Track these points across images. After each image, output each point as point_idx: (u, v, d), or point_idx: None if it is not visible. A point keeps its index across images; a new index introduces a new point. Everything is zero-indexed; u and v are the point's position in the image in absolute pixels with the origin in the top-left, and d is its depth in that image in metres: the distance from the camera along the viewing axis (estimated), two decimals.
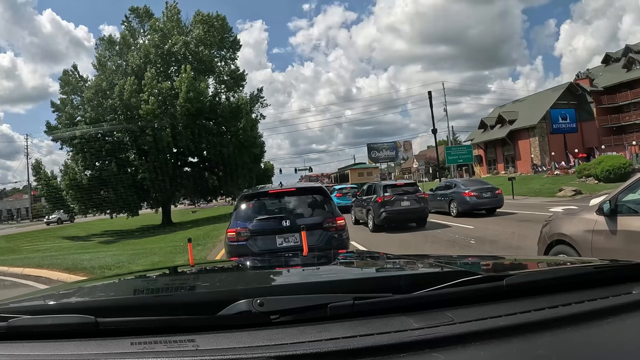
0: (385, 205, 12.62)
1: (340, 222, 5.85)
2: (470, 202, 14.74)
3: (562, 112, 38.10)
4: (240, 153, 28.19)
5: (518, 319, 0.95)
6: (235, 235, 5.68)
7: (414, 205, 12.77)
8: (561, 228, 4.60)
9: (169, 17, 30.15)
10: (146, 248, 13.34)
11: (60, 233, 27.59)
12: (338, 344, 0.86)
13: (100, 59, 29.50)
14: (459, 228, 12.17)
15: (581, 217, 4.42)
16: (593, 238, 4.11)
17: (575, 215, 4.64)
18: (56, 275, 8.97)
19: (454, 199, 15.38)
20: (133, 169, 27.00)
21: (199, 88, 26.22)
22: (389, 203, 12.63)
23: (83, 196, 26.07)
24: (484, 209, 14.96)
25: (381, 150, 60.41)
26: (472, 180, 19.68)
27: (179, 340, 0.93)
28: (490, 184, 15.95)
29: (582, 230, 4.24)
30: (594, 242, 4.09)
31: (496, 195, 14.97)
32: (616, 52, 43.67)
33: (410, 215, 12.85)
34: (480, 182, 16.67)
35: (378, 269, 1.86)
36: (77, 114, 28.08)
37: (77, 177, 25.93)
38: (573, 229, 4.40)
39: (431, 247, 9.56)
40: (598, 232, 4.05)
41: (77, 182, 25.83)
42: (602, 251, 3.96)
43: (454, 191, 15.61)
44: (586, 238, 4.18)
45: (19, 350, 0.96)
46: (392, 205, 12.60)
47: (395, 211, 12.56)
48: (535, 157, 40.38)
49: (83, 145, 26.20)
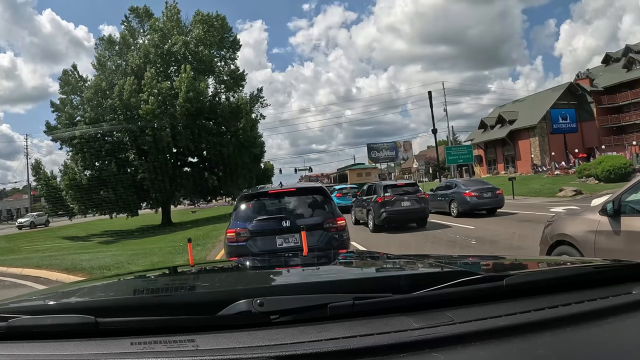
0: (386, 205, 12.62)
1: (340, 223, 5.84)
2: (471, 202, 14.74)
3: (562, 112, 38.14)
4: (240, 153, 28.19)
5: (518, 319, 0.95)
6: (235, 236, 5.64)
7: (415, 205, 12.77)
8: (563, 229, 4.58)
9: (169, 17, 30.17)
10: (145, 248, 13.31)
11: (59, 233, 27.58)
12: (338, 344, 0.87)
13: (99, 58, 29.52)
14: (459, 228, 12.16)
15: (584, 217, 4.39)
16: (596, 239, 4.08)
17: (577, 216, 4.61)
18: (55, 276, 8.97)
19: (454, 199, 15.38)
20: (133, 169, 27.00)
21: (198, 88, 26.23)
22: (390, 203, 12.63)
23: (83, 196, 26.08)
24: (485, 209, 14.96)
25: (381, 150, 60.49)
26: (472, 181, 19.72)
27: (178, 340, 0.94)
28: (491, 184, 15.96)
29: (585, 230, 4.21)
30: (597, 243, 4.06)
31: (497, 196, 14.97)
32: (616, 52, 43.70)
33: (410, 215, 12.84)
34: (481, 182, 16.69)
35: (378, 269, 1.86)
36: (76, 114, 28.08)
37: (77, 177, 25.94)
38: (575, 230, 4.37)
39: (432, 247, 9.56)
40: (601, 232, 4.02)
41: (77, 182, 25.84)
42: (606, 252, 3.92)
43: (455, 191, 15.62)
44: (589, 239, 4.15)
45: (19, 350, 0.96)
46: (393, 205, 12.60)
47: (395, 211, 12.56)
48: (536, 157, 40.40)
49: (83, 145, 26.22)
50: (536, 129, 40.20)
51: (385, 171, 61.59)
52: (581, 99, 40.95)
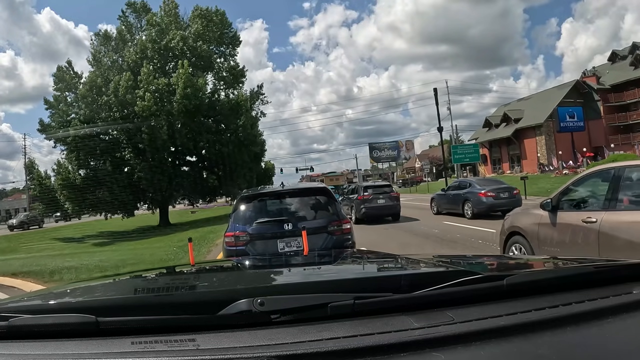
0: (365, 202, 15.21)
1: (346, 225, 5.59)
2: (487, 203, 14.07)
3: (570, 110, 38.00)
4: (240, 152, 28.03)
5: (518, 318, 0.96)
6: (234, 240, 5.42)
7: (389, 202, 15.33)
8: (516, 222, 5.63)
9: (167, 11, 30.05)
10: (136, 254, 12.74)
11: (53, 234, 27.42)
12: (338, 343, 0.88)
13: (95, 54, 29.35)
14: (476, 232, 11.19)
15: (531, 212, 5.35)
16: (539, 230, 5.02)
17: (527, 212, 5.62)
18: (29, 287, 7.89)
19: (468, 199, 14.68)
20: (129, 168, 26.86)
21: (196, 84, 26.03)
22: (368, 201, 15.22)
23: (77, 196, 25.86)
24: (501, 210, 13.53)
25: (383, 150, 60.57)
26: (487, 180, 18.96)
27: (179, 339, 0.95)
28: (507, 184, 15.18)
29: (531, 223, 5.20)
30: (539, 234, 5.00)
31: (514, 196, 14.31)
32: (623, 50, 43.62)
33: (385, 211, 15.35)
34: (497, 182, 15.89)
35: (378, 268, 1.88)
36: (71, 111, 27.94)
37: (70, 177, 25.75)
38: (524, 223, 5.38)
39: None
40: (542, 225, 4.95)
41: (71, 182, 25.65)
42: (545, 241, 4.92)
43: (469, 191, 14.88)
44: (534, 230, 5.12)
45: (20, 350, 0.98)
46: (370, 202, 15.19)
47: (372, 207, 15.10)
48: (542, 156, 40.30)
49: (77, 144, 26.01)
50: (542, 127, 40.11)
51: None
52: (588, 97, 40.86)
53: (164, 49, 28.35)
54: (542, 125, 40.05)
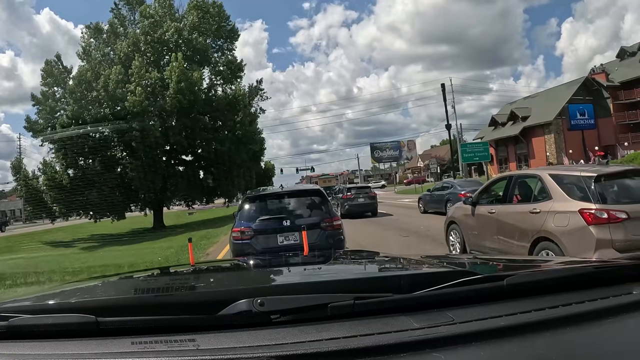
0: (348, 200, 19.14)
1: (336, 222, 6.57)
2: None
3: (580, 108, 37.65)
4: (238, 150, 27.54)
5: (519, 319, 0.99)
6: (240, 235, 6.39)
7: (367, 201, 19.25)
8: (452, 214, 7.82)
9: (161, 3, 29.37)
10: (124, 262, 11.76)
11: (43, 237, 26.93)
12: (338, 343, 0.91)
13: (86, 47, 28.74)
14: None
15: (462, 207, 7.43)
16: (466, 219, 7.11)
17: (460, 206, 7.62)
18: None
19: (449, 200, 15.92)
20: (120, 167, 26.23)
21: (191, 78, 25.38)
22: (350, 199, 19.17)
23: (64, 197, 25.09)
24: None
25: (384, 149, 60.72)
26: (468, 181, 21.14)
27: (179, 339, 0.98)
28: None
29: (460, 215, 7.35)
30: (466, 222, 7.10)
31: None
32: (632, 46, 43.52)
33: (365, 207, 19.02)
34: (477, 183, 17.29)
35: (378, 268, 1.93)
36: (58, 107, 27.31)
37: (57, 177, 25.07)
38: (457, 214, 7.53)
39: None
40: (467, 215, 7.05)
41: (58, 182, 24.95)
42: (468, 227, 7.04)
43: (451, 192, 16.54)
44: (462, 219, 7.25)
45: (20, 350, 1.01)
46: (352, 201, 19.13)
47: (354, 205, 18.94)
48: (551, 155, 40.12)
49: (64, 141, 25.29)
50: (552, 125, 39.97)
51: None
52: (597, 95, 40.71)
53: (157, 42, 27.64)
54: (552, 124, 39.91)
